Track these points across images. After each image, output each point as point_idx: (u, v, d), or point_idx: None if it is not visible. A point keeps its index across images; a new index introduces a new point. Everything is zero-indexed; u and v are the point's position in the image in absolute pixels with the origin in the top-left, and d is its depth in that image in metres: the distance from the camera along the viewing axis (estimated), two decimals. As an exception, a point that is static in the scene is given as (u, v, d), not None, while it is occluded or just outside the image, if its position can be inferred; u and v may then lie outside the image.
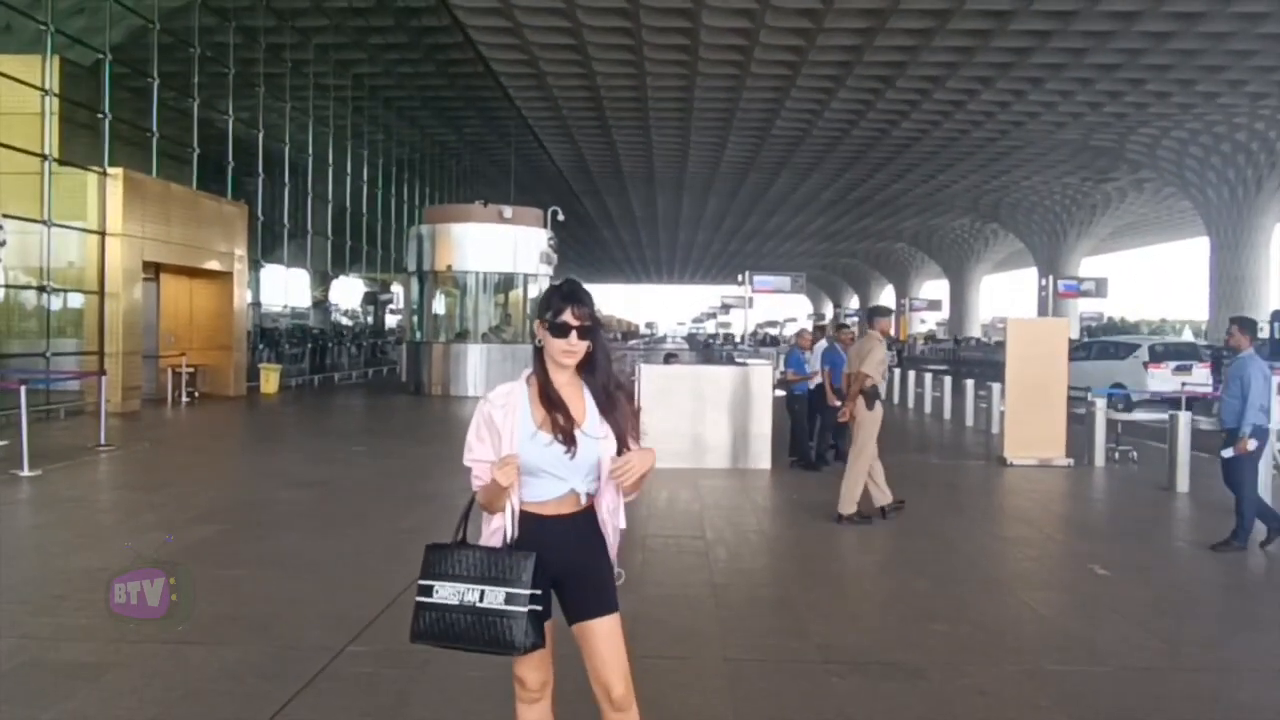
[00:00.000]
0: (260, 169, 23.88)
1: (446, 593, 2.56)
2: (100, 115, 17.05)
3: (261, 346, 23.19)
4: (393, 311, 42.01)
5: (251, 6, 22.93)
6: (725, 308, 76.20)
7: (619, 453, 2.66)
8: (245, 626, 5.40)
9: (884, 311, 11.55)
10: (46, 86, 15.75)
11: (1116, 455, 12.80)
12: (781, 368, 14.09)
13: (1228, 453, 7.83)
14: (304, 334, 27.00)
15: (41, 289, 15.79)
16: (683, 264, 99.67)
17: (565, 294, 2.66)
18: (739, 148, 44.08)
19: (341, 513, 9.08)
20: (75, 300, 17.01)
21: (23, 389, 10.73)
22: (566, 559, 2.69)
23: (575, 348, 2.63)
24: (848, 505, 8.64)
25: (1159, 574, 7.40)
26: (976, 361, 41.54)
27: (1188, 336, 58.04)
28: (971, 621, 5.75)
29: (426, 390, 22.00)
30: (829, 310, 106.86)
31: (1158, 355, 22.03)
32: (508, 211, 22.42)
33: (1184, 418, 10.93)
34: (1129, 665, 5.08)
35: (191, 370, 18.90)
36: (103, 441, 12.26)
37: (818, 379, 12.50)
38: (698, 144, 43.65)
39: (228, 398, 19.98)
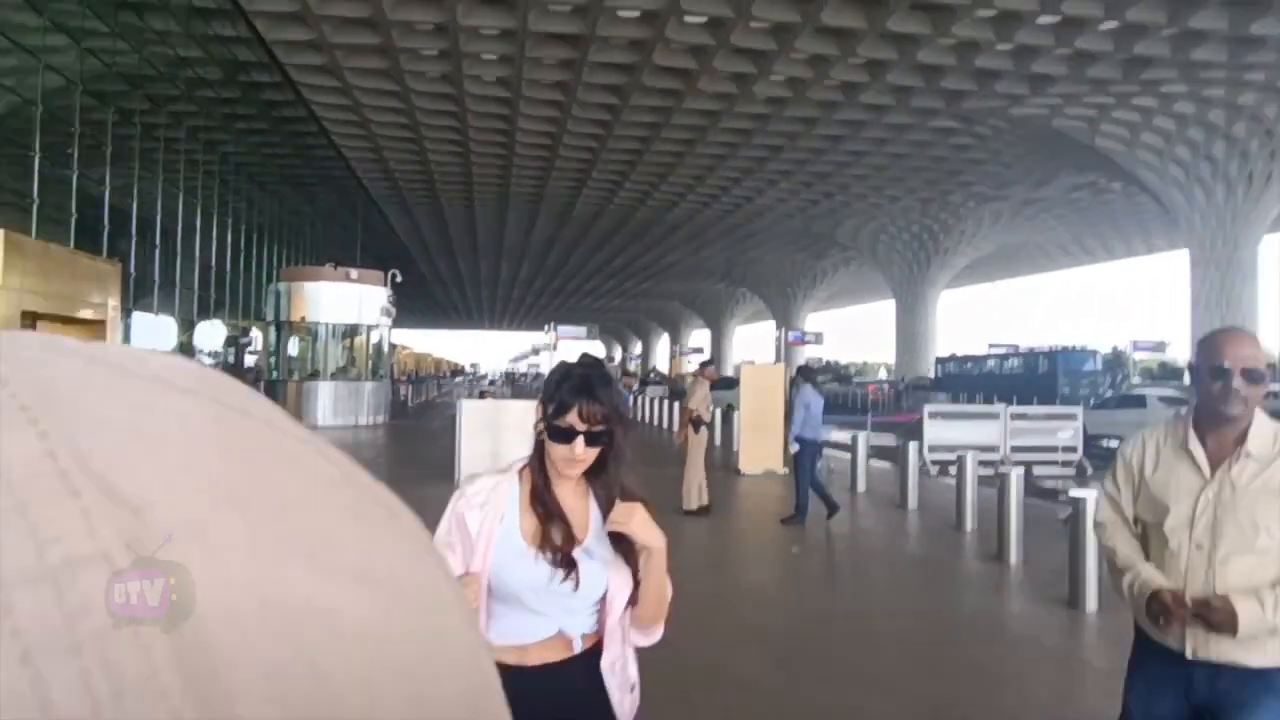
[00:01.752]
0: (134, 231, 22.48)
1: None
2: None
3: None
4: (251, 353, 39.92)
5: (127, 92, 21.70)
6: (535, 350, 76.28)
7: (634, 592, 1.77)
8: None
9: (710, 362, 12.63)
10: None
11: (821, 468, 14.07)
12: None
13: (794, 447, 9.52)
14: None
15: None
16: (502, 313, 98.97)
17: (577, 384, 1.75)
18: (546, 224, 44.73)
19: None
20: None
21: None
22: (567, 709, 1.73)
23: (581, 458, 1.75)
24: (691, 503, 9.62)
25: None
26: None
27: (883, 375, 62.98)
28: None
29: None
30: (618, 354, 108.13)
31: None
32: (354, 274, 22.26)
33: (862, 436, 12.43)
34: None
35: None
36: None
37: None
38: (513, 220, 44.01)
39: None
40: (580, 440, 1.72)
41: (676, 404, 16.18)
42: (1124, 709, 2.56)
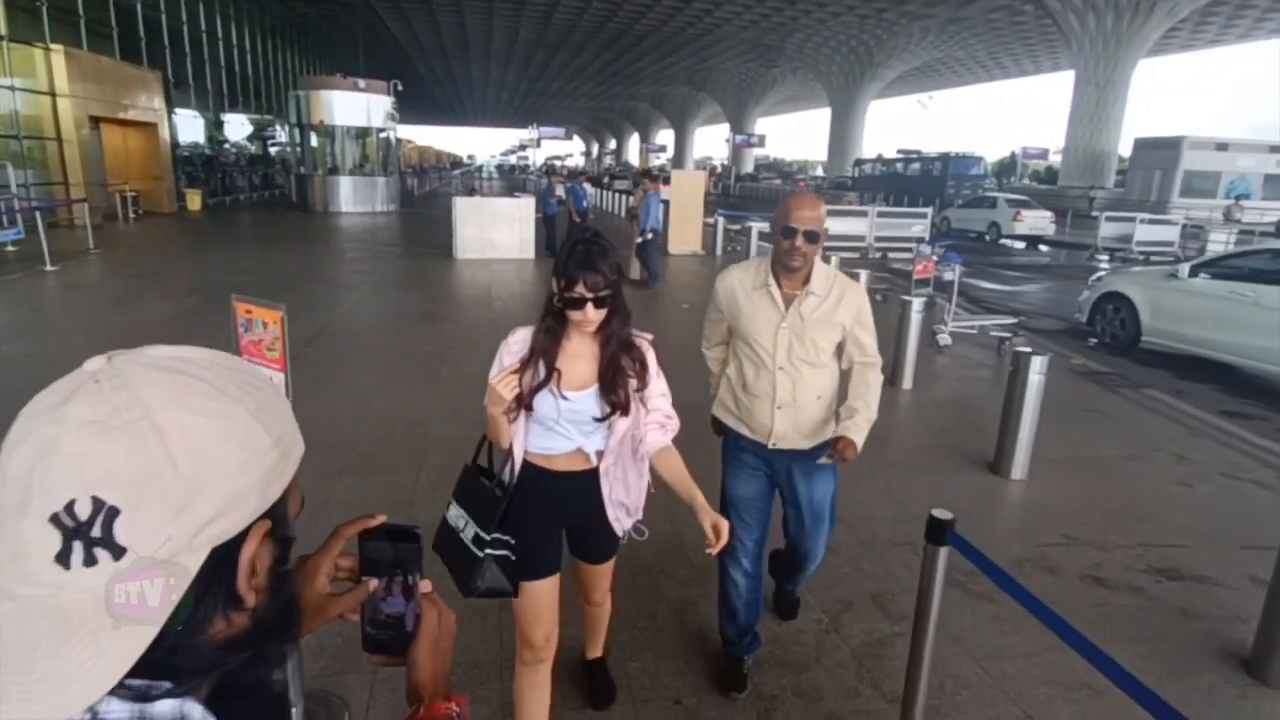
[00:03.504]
0: (167, 41, 21.83)
1: (453, 513, 1.93)
2: (38, 2, 15.36)
3: (182, 175, 22.07)
4: (273, 145, 38.98)
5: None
6: (523, 146, 74.17)
7: (619, 415, 1.89)
8: None
9: (649, 172, 13.15)
10: None
11: (732, 248, 14.80)
12: (560, 194, 14.44)
13: (647, 235, 10.62)
14: (213, 164, 25.42)
15: (14, 137, 14.63)
16: (493, 111, 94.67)
17: (580, 260, 1.78)
18: (529, 30, 42.49)
19: (276, 286, 9.51)
20: (39, 144, 15.65)
21: (38, 213, 10.88)
22: (572, 513, 2.01)
23: (593, 319, 1.82)
24: (638, 272, 10.79)
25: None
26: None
27: (820, 173, 62.01)
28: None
29: (311, 208, 21.59)
30: (594, 150, 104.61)
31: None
32: (362, 83, 21.80)
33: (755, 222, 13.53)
34: None
35: (134, 194, 18.02)
36: (91, 246, 12.26)
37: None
38: (499, 26, 41.75)
39: (164, 214, 19.11)
40: (590, 305, 1.78)
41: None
42: (722, 491, 2.60)
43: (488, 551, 1.79)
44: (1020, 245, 20.53)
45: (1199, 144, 27.64)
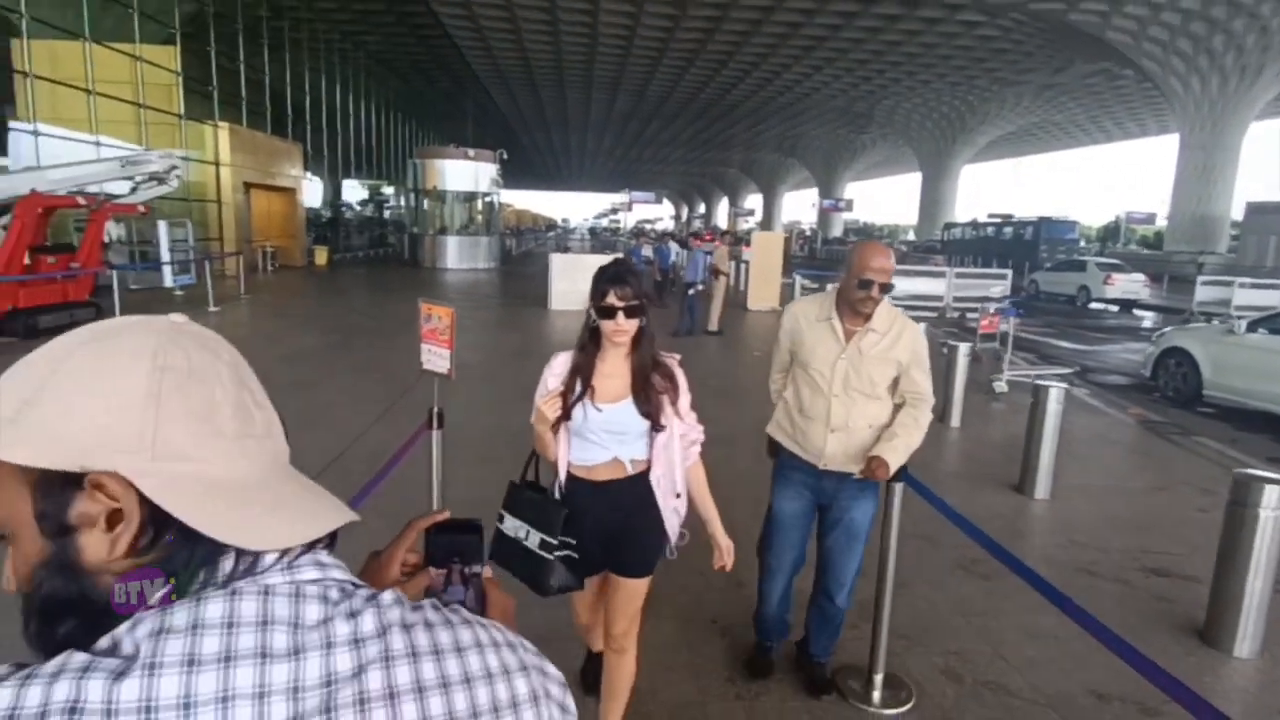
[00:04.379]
0: (307, 119, 24.90)
1: (509, 525, 2.08)
2: (210, 88, 18.25)
3: (312, 234, 24.62)
4: (387, 208, 42.26)
5: (298, 3, 23.54)
6: (615, 210, 77.40)
7: (654, 429, 2.04)
8: (375, 367, 8.06)
9: (727, 232, 14.62)
10: (177, 69, 16.86)
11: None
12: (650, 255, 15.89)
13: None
14: (336, 224, 28.24)
15: (184, 199, 17.00)
16: (588, 176, 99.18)
17: (610, 276, 1.99)
18: (625, 102, 44.97)
19: (395, 326, 10.81)
20: (201, 206, 18.16)
21: (207, 262, 12.92)
22: (612, 521, 2.10)
23: (624, 327, 1.98)
24: (712, 325, 11.99)
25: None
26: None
27: (911, 236, 61.85)
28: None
29: (422, 264, 23.54)
30: (684, 213, 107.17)
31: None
32: (471, 153, 23.96)
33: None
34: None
35: (273, 250, 20.43)
36: (242, 292, 14.14)
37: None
38: (597, 99, 44.44)
39: (297, 267, 21.47)
40: (621, 314, 1.94)
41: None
42: (769, 507, 2.81)
43: (556, 554, 1.98)
44: (1114, 309, 20.31)
45: (1320, 208, 26.53)
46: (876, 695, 2.85)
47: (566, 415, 2.03)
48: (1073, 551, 4.26)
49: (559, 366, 2.09)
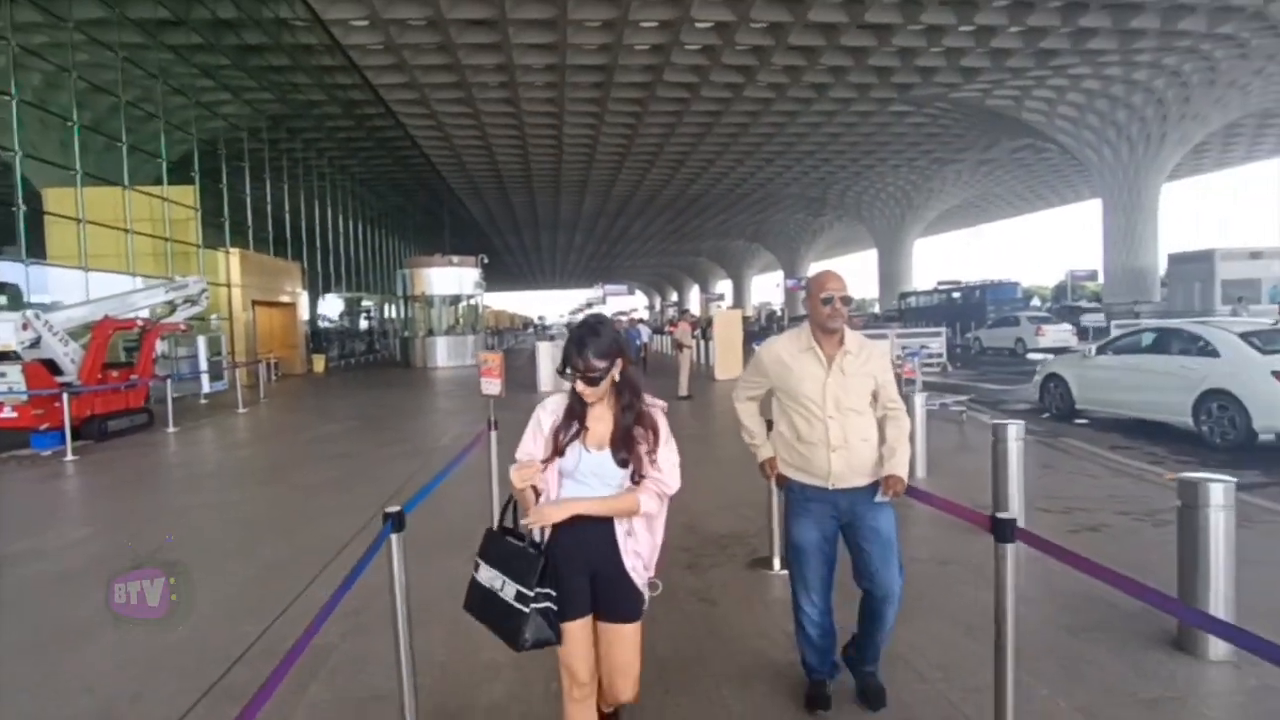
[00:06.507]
0: (304, 239, 27.30)
1: (484, 575, 2.06)
2: (222, 219, 20.58)
3: (310, 344, 26.65)
4: (366, 318, 43.49)
5: (290, 137, 26.32)
6: (589, 304, 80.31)
7: (634, 479, 2.09)
8: (397, 441, 9.90)
9: (686, 311, 16.90)
10: (196, 205, 19.14)
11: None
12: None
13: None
14: (330, 333, 30.37)
15: (202, 319, 18.88)
16: (561, 274, 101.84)
17: (576, 340, 2.06)
18: (592, 202, 47.63)
19: (401, 416, 12.44)
20: (215, 323, 19.96)
21: (234, 370, 14.94)
22: (597, 560, 2.12)
23: (585, 393, 2.07)
24: (683, 390, 13.63)
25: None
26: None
27: (875, 310, 64.56)
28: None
29: (414, 364, 25.46)
30: (658, 302, 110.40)
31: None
32: (455, 259, 26.52)
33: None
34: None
35: (275, 360, 22.10)
36: (262, 396, 16.08)
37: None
38: (565, 200, 47.05)
39: (297, 375, 23.33)
40: (580, 382, 2.08)
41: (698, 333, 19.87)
42: (786, 538, 2.92)
43: (533, 606, 1.97)
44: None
45: (1231, 254, 29.60)
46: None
47: (560, 453, 2.13)
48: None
49: (552, 405, 2.20)
